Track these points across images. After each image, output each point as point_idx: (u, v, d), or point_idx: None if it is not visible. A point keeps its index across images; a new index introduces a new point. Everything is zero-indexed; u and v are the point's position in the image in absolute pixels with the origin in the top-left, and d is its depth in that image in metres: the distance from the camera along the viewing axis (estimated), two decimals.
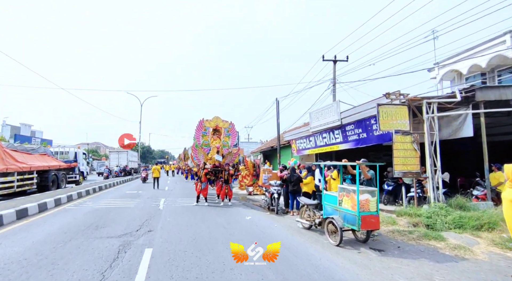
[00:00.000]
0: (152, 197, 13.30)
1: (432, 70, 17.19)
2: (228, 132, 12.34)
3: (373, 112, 9.05)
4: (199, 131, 11.92)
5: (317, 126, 12.99)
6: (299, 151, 15.78)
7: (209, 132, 12.08)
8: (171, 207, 10.11)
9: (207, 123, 12.04)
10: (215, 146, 11.30)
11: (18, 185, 12.34)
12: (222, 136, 12.13)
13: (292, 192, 8.67)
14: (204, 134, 11.96)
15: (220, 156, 11.12)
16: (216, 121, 12.14)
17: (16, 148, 13.52)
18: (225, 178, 10.73)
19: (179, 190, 16.84)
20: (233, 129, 12.60)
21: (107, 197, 13.31)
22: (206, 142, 11.92)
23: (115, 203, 11.23)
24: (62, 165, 17.10)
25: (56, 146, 23.91)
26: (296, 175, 8.73)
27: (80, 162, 21.17)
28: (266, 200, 9.97)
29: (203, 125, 11.97)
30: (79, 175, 20.04)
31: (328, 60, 18.68)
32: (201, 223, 7.47)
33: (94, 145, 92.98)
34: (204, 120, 12.04)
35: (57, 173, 15.88)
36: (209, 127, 12.07)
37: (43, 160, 15.07)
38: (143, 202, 11.54)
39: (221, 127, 12.21)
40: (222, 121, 12.28)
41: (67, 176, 17.77)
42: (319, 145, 13.14)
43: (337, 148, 11.86)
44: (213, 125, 12.06)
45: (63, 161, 18.54)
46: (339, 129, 11.38)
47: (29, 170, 13.09)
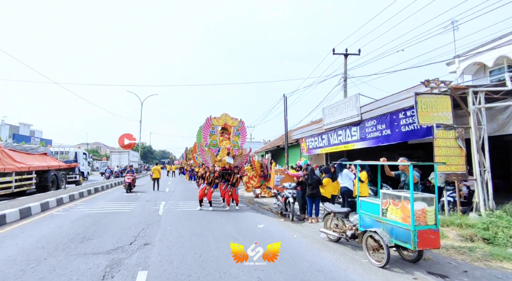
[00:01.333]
0: (152, 199, 12.21)
1: (451, 63, 16.02)
2: (237, 132, 11.16)
3: (403, 104, 7.95)
4: (207, 130, 10.79)
5: (331, 123, 11.89)
6: (309, 150, 14.66)
7: (217, 132, 10.95)
8: (172, 212, 9.01)
9: (215, 121, 10.90)
10: (225, 147, 10.16)
11: (16, 185, 11.95)
12: (232, 135, 11.00)
13: (311, 196, 7.56)
14: (212, 134, 10.83)
15: (231, 158, 9.97)
16: (225, 119, 10.97)
17: (14, 148, 13.14)
18: (233, 181, 9.68)
19: (180, 192, 15.75)
20: (243, 128, 11.40)
21: (103, 199, 12.23)
22: (214, 141, 10.78)
23: (110, 207, 10.14)
24: (62, 165, 16.71)
25: (56, 145, 23.42)
26: (316, 176, 7.62)
27: (81, 162, 20.77)
28: (278, 205, 8.85)
29: (210, 123, 10.83)
30: (79, 175, 19.62)
31: (339, 54, 17.49)
32: (207, 232, 6.37)
33: (94, 145, 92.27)
34: (212, 118, 10.90)
35: (57, 173, 15.55)
36: (217, 126, 10.93)
37: (43, 160, 14.71)
38: (141, 205, 10.45)
39: (230, 126, 11.05)
40: (231, 119, 11.10)
41: (67, 176, 17.40)
42: (333, 143, 12.02)
43: (352, 147, 10.75)
44: (222, 124, 10.94)
45: (63, 161, 18.16)
46: (357, 125, 10.27)
47: (27, 170, 12.71)
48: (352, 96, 10.31)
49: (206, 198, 9.66)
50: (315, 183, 7.49)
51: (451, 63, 16.22)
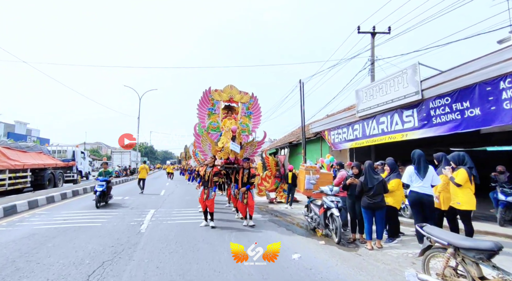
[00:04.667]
0: (139, 206, 9.54)
1: (505, 41, 13.22)
2: (248, 111, 7.95)
3: (508, 68, 5.23)
4: (204, 107, 7.63)
5: (370, 108, 9.16)
6: (335, 145, 11.92)
7: (218, 109, 7.75)
8: (160, 228, 6.33)
9: (216, 95, 7.74)
10: (229, 128, 6.86)
11: (10, 183, 11.73)
12: (239, 115, 7.79)
13: (370, 207, 4.82)
14: (211, 113, 7.63)
15: (237, 144, 6.85)
16: (230, 92, 7.77)
17: (9, 146, 12.98)
18: (243, 181, 6.66)
19: (178, 195, 13.07)
20: (255, 105, 8.15)
21: (77, 206, 9.57)
22: (215, 123, 7.57)
23: (78, 217, 7.49)
24: (59, 163, 16.63)
25: (55, 144, 22.69)
26: (379, 177, 4.89)
27: (78, 161, 20.71)
28: (312, 218, 6.13)
29: (209, 98, 7.65)
30: (77, 174, 19.58)
31: (365, 33, 14.77)
32: (209, 274, 3.70)
33: (95, 145, 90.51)
34: (212, 90, 7.68)
35: (53, 171, 15.43)
36: (219, 101, 7.75)
37: (39, 158, 14.54)
38: (121, 216, 7.78)
39: (238, 102, 7.90)
40: (238, 93, 7.92)
41: (65, 175, 17.38)
42: (371, 134, 9.27)
43: (403, 137, 8.00)
44: (226, 98, 7.77)
45: (61, 159, 17.99)
46: (413, 108, 7.54)
47: (22, 168, 12.56)
48: (407, 68, 7.56)
49: None
50: (378, 187, 4.77)
51: (505, 40, 13.44)
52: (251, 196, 6.66)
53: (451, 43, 9.22)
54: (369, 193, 4.73)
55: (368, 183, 4.77)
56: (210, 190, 6.42)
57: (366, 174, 4.83)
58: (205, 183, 6.45)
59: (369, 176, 4.82)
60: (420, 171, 4.67)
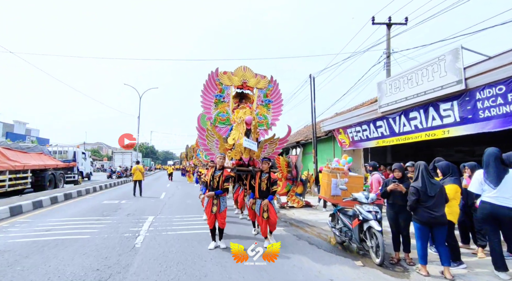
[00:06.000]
0: (136, 212, 8.52)
1: None
2: (266, 98, 6.33)
3: None
4: (210, 94, 5.97)
5: (396, 102, 8.12)
6: (354, 143, 10.89)
7: (228, 97, 6.12)
8: (158, 243, 5.30)
9: (226, 78, 6.08)
10: (243, 120, 5.29)
11: (10, 184, 11.68)
12: (255, 105, 6.18)
13: (427, 222, 3.72)
14: (219, 101, 6.01)
15: (253, 141, 5.31)
16: (243, 75, 6.16)
17: (9, 146, 12.90)
18: (262, 188, 5.01)
19: (178, 198, 12.05)
20: (276, 91, 6.51)
21: (66, 212, 8.55)
22: (224, 114, 6.03)
23: (65, 226, 6.48)
24: (60, 164, 16.60)
25: (53, 145, 22.43)
26: (438, 183, 3.83)
27: (79, 162, 20.66)
28: (341, 230, 5.07)
29: (217, 82, 6.02)
30: (78, 175, 19.55)
31: (380, 24, 13.74)
32: None
33: (96, 145, 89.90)
34: (220, 72, 6.06)
35: (54, 172, 15.36)
36: (229, 87, 6.11)
37: (39, 159, 14.45)
38: (115, 225, 6.76)
39: (253, 87, 6.28)
40: (254, 75, 6.27)
41: (66, 176, 17.35)
42: (402, 131, 8.21)
43: (442, 134, 6.94)
44: (238, 83, 6.15)
45: (62, 160, 17.98)
46: (453, 100, 6.49)
47: (22, 169, 12.46)
48: (445, 54, 6.49)
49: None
50: (439, 196, 3.70)
51: None
52: (273, 210, 5.06)
53: (496, 27, 8.06)
54: (428, 203, 3.66)
55: (428, 191, 3.69)
56: (221, 199, 4.95)
57: (424, 179, 3.76)
58: (213, 190, 4.91)
59: (428, 182, 3.76)
60: (491, 176, 3.62)
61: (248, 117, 5.17)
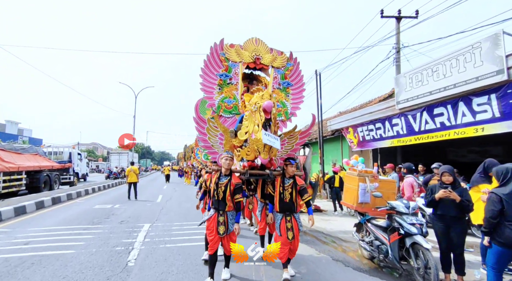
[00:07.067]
0: (130, 219, 7.68)
1: None
2: (284, 81, 5.01)
3: None
4: (212, 73, 4.57)
5: (418, 97, 7.38)
6: (363, 143, 10.16)
7: (237, 77, 4.72)
8: (155, 261, 4.48)
9: (233, 53, 4.70)
10: (260, 106, 3.81)
11: (4, 186, 11.46)
12: (270, 88, 4.83)
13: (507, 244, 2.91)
14: (225, 82, 4.64)
15: (275, 135, 3.93)
16: (256, 49, 4.83)
17: (3, 147, 12.61)
18: (285, 198, 3.84)
19: (176, 202, 11.19)
20: (296, 72, 5.15)
21: (54, 218, 7.68)
22: (231, 100, 4.67)
23: (47, 238, 5.61)
24: (55, 165, 16.20)
25: (47, 145, 21.73)
26: None
27: (75, 163, 20.20)
28: (374, 244, 4.30)
29: (222, 57, 4.63)
30: (74, 176, 19.13)
31: (389, 17, 13.06)
32: None
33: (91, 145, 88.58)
34: (226, 45, 4.70)
35: (49, 173, 14.99)
36: (238, 64, 4.73)
37: (34, 160, 14.10)
38: (106, 235, 5.91)
39: (268, 66, 4.93)
40: (269, 51, 4.95)
41: (61, 177, 17.03)
42: (424, 129, 7.46)
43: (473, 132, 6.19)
44: (248, 59, 4.79)
45: (57, 161, 17.67)
46: (490, 93, 5.75)
47: (17, 170, 12.20)
48: (481, 40, 5.74)
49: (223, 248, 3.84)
50: None
51: None
52: (298, 230, 3.83)
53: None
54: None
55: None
56: (228, 216, 3.65)
57: (506, 179, 2.97)
58: (217, 203, 3.63)
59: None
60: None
61: (267, 102, 3.73)
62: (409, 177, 4.98)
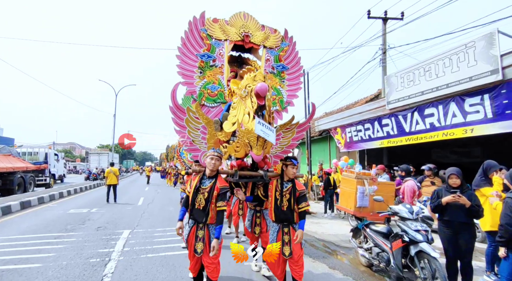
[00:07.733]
0: (108, 224, 7.09)
1: None
2: (279, 64, 4.25)
3: None
4: (191, 54, 3.73)
5: (409, 97, 7.28)
6: (350, 144, 10.04)
7: (222, 59, 3.89)
8: (135, 274, 4.00)
9: (217, 29, 3.89)
10: (252, 89, 2.97)
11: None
12: (262, 70, 3.98)
13: None
14: (207, 64, 3.78)
15: (270, 126, 3.07)
16: (244, 25, 4.03)
17: None
18: (282, 205, 3.15)
19: (159, 205, 10.62)
20: (292, 53, 4.42)
21: (22, 224, 6.97)
22: (215, 86, 3.83)
23: (13, 249, 4.98)
24: (30, 166, 15.66)
25: (19, 145, 20.90)
26: None
27: (52, 164, 19.44)
28: (373, 251, 4.04)
29: (203, 34, 3.78)
30: (50, 178, 18.44)
31: (376, 18, 13.10)
32: None
33: (68, 145, 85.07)
34: (208, 19, 3.85)
35: (24, 175, 14.45)
36: (222, 42, 3.91)
37: (7, 161, 13.64)
38: (80, 244, 5.35)
39: (259, 46, 4.15)
40: (259, 27, 4.16)
41: (36, 179, 16.36)
42: (414, 130, 7.37)
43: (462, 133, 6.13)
44: (236, 37, 3.97)
45: (32, 162, 17.06)
46: (483, 93, 5.68)
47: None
48: (476, 40, 5.66)
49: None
50: None
51: None
52: (299, 245, 3.14)
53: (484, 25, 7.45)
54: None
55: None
56: (210, 230, 2.97)
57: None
58: (196, 213, 2.95)
59: None
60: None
61: (260, 85, 2.94)
62: (409, 180, 4.74)
